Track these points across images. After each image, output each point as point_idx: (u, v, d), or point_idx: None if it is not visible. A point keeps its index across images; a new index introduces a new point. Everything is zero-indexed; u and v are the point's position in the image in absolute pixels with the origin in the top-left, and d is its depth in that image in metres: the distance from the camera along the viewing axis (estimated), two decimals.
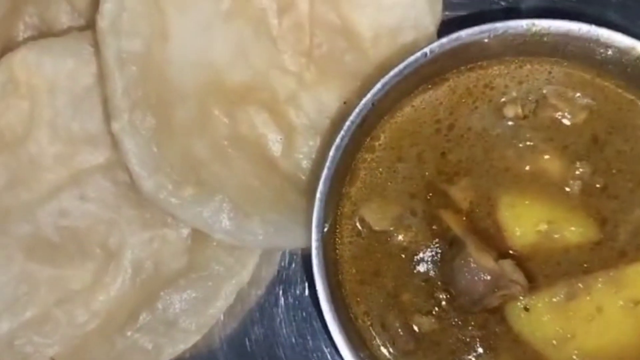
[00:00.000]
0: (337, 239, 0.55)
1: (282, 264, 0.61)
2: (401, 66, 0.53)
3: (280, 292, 0.60)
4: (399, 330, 0.55)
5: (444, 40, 0.52)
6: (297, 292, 0.61)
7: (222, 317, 0.59)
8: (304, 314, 0.60)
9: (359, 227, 0.56)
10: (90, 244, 0.58)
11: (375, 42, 0.58)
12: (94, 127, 0.57)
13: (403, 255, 0.55)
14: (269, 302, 0.60)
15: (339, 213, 0.56)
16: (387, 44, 0.58)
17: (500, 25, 0.52)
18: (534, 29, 0.52)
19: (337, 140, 0.53)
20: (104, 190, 0.57)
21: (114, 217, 0.58)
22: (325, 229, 0.54)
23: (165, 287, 0.58)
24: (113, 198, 0.58)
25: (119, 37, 0.52)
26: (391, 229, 0.55)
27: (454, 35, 0.52)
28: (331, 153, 0.53)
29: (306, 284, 0.60)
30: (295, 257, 0.61)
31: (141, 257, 0.58)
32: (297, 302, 0.60)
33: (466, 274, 0.53)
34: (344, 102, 0.58)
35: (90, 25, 0.58)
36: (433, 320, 0.54)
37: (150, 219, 0.58)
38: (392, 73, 0.53)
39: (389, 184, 0.56)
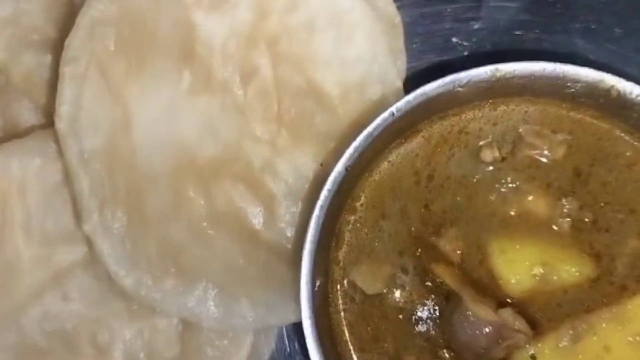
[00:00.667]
0: (330, 308, 0.54)
1: (280, 335, 0.59)
2: (370, 128, 0.52)
3: None
4: None
5: (409, 97, 0.52)
6: None
7: None
8: None
9: (351, 293, 0.54)
10: (80, 344, 0.56)
11: (343, 100, 0.57)
12: (68, 223, 0.56)
13: (400, 316, 0.54)
14: None
15: (329, 280, 0.54)
16: (355, 100, 0.57)
17: (464, 75, 0.51)
18: (498, 74, 0.51)
19: (316, 210, 0.52)
20: (86, 287, 0.56)
21: (101, 312, 0.57)
22: (317, 300, 0.52)
23: None
24: (97, 293, 0.57)
25: (79, 138, 0.52)
26: (384, 290, 0.54)
27: (419, 91, 0.52)
28: (312, 224, 0.52)
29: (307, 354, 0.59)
30: (289, 329, 0.59)
31: (133, 350, 0.57)
32: None
33: (466, 328, 0.51)
34: (321, 164, 0.57)
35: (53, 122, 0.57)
36: None
37: (138, 310, 0.57)
38: (361, 136, 0.52)
39: (376, 243, 0.55)
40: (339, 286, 0.54)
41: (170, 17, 0.56)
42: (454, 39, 0.60)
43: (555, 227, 0.53)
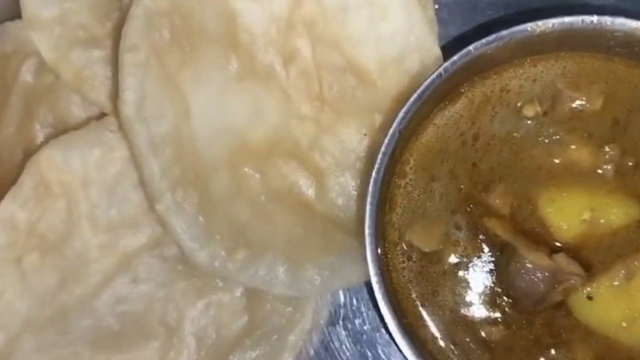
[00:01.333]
0: (390, 267, 0.56)
1: (337, 300, 0.61)
2: (419, 91, 0.54)
3: (342, 329, 0.61)
4: (471, 344, 0.55)
5: (455, 57, 0.54)
6: (357, 325, 0.61)
7: None
8: (368, 345, 0.61)
9: (409, 252, 0.56)
10: (151, 324, 0.58)
11: (382, 73, 0.59)
12: (130, 210, 0.58)
13: (457, 271, 0.56)
14: (332, 341, 0.61)
15: (385, 241, 0.56)
16: (393, 72, 0.59)
17: (506, 33, 0.54)
18: (538, 30, 0.53)
19: (374, 174, 0.54)
20: (153, 268, 0.58)
21: (168, 292, 0.59)
22: (379, 261, 0.55)
23: (232, 350, 0.59)
24: (163, 274, 0.59)
25: (147, 123, 0.53)
26: (440, 247, 0.56)
27: (464, 51, 0.54)
28: (370, 188, 0.54)
29: (365, 316, 0.61)
30: (345, 291, 0.62)
31: (201, 326, 0.59)
32: (359, 336, 0.61)
33: (524, 275, 0.54)
34: (364, 134, 0.59)
35: (104, 112, 0.59)
36: (501, 327, 0.55)
37: (203, 287, 0.59)
38: (411, 99, 0.54)
39: (428, 204, 0.57)
40: (396, 246, 0.57)
41: (214, 7, 0.58)
42: (481, 4, 0.62)
43: (599, 174, 0.56)
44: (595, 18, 0.52)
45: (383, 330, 0.61)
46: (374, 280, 0.53)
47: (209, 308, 0.59)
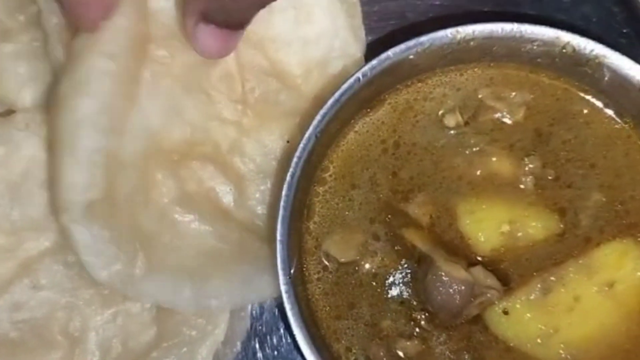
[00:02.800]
0: (305, 277, 0.54)
1: (254, 314, 0.59)
2: (337, 94, 0.53)
3: (257, 345, 0.59)
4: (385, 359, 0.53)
5: (373, 62, 0.53)
6: (275, 341, 0.59)
7: None
8: None
9: (325, 262, 0.55)
10: (52, 333, 0.55)
11: (306, 77, 0.58)
12: (35, 212, 0.55)
13: (374, 283, 0.54)
14: (247, 358, 0.58)
15: (302, 250, 0.55)
16: (317, 77, 0.58)
17: (426, 39, 0.53)
18: (458, 36, 0.53)
19: (288, 177, 0.52)
20: (56, 274, 0.55)
21: (72, 300, 0.56)
22: (292, 270, 0.52)
23: None
24: (67, 280, 0.56)
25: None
26: (357, 258, 0.55)
27: (383, 55, 0.53)
28: (284, 192, 0.52)
29: (281, 332, 0.59)
30: (265, 305, 0.59)
31: (107, 336, 0.56)
32: (275, 352, 0.59)
33: (440, 288, 0.52)
34: (287, 141, 0.57)
35: (11, 110, 0.56)
36: (417, 342, 0.54)
37: (110, 295, 0.56)
38: (329, 102, 0.53)
39: (347, 213, 0.55)
40: (312, 256, 0.55)
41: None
42: (409, 15, 0.61)
43: (520, 186, 0.55)
44: (515, 26, 0.52)
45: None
46: (284, 289, 0.51)
47: (116, 318, 0.56)
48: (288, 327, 0.52)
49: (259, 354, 0.58)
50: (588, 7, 0.60)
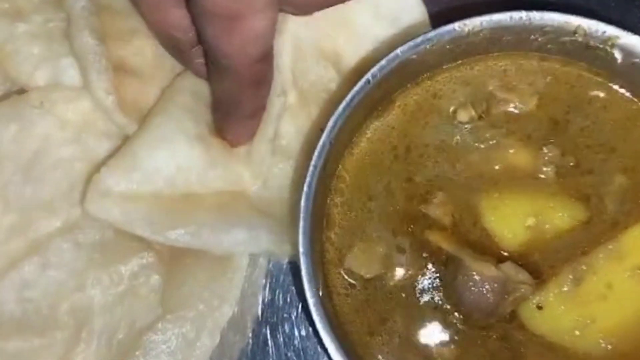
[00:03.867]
0: (331, 291, 0.52)
1: (265, 301, 0.58)
2: (348, 98, 0.51)
3: (268, 333, 0.57)
4: None
5: (382, 62, 0.51)
6: (287, 330, 0.57)
7: None
8: (295, 352, 0.57)
9: (350, 279, 0.53)
10: (59, 313, 0.54)
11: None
12: (47, 191, 0.55)
13: (403, 294, 0.53)
14: (257, 346, 0.57)
15: (325, 262, 0.53)
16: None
17: (433, 34, 0.52)
18: (466, 29, 0.52)
19: (305, 188, 0.50)
20: (66, 254, 0.55)
21: (80, 281, 0.55)
22: (320, 287, 0.51)
23: (142, 335, 0.54)
24: (76, 261, 0.55)
25: None
26: (382, 271, 0.53)
27: (391, 55, 0.51)
28: (302, 203, 0.50)
29: (293, 319, 0.57)
30: (276, 293, 0.58)
31: (114, 318, 0.55)
32: (286, 340, 0.57)
33: (472, 288, 0.51)
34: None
35: (25, 90, 0.56)
36: (453, 346, 0.52)
37: (117, 277, 0.55)
38: (340, 107, 0.51)
39: (366, 224, 0.54)
40: (337, 269, 0.53)
41: None
42: None
43: (540, 176, 0.54)
44: (523, 14, 0.51)
45: (312, 338, 0.57)
46: (312, 302, 0.49)
47: (124, 299, 0.55)
48: (304, 314, 0.49)
49: (270, 342, 0.57)
50: None
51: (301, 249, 0.50)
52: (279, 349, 0.57)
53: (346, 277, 0.53)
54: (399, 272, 0.53)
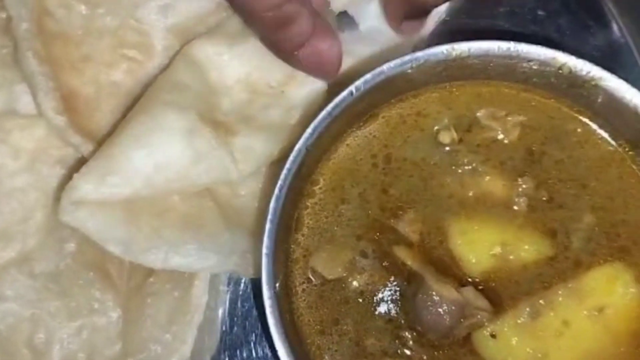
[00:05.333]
0: (290, 290, 0.53)
1: (224, 328, 0.58)
2: (329, 108, 0.52)
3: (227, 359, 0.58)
4: None
5: (367, 76, 0.52)
6: (245, 355, 0.58)
7: None
8: None
9: (311, 277, 0.54)
10: (15, 345, 0.55)
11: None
12: (1, 220, 0.55)
13: (360, 300, 0.53)
14: None
15: (289, 261, 0.53)
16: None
17: (421, 54, 0.52)
18: (454, 53, 0.52)
19: (276, 191, 0.51)
20: (21, 285, 0.55)
21: (37, 312, 0.55)
22: (277, 284, 0.51)
23: None
24: (32, 292, 0.55)
25: None
26: (344, 275, 0.53)
27: (377, 70, 0.52)
28: (272, 205, 0.51)
29: (252, 345, 0.58)
30: (235, 319, 0.58)
31: (72, 350, 0.55)
32: None
33: (430, 307, 0.51)
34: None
35: None
36: None
37: (76, 308, 0.55)
38: (320, 116, 0.52)
39: (335, 228, 0.54)
40: (299, 267, 0.54)
41: None
42: None
43: (513, 207, 0.54)
44: (511, 44, 0.51)
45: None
46: (268, 304, 0.49)
47: (82, 331, 0.55)
48: (263, 339, 0.50)
49: None
50: (563, 20, 0.60)
51: (265, 250, 0.50)
52: None
53: (307, 275, 0.53)
54: (361, 279, 0.53)
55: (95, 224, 0.52)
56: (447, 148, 0.55)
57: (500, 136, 0.55)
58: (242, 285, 0.59)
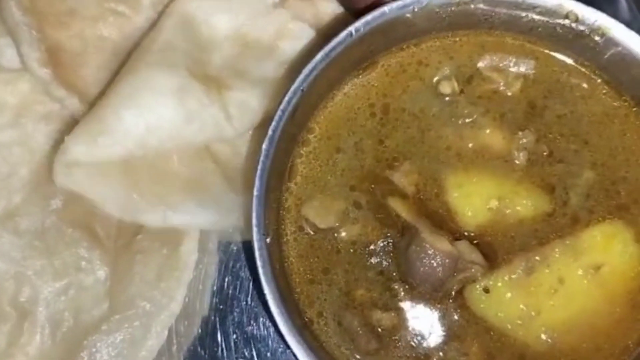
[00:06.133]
0: (282, 239, 0.52)
1: (214, 289, 0.57)
2: (327, 49, 0.50)
3: (218, 322, 0.57)
4: (359, 329, 0.51)
5: (368, 17, 0.50)
6: (235, 315, 0.57)
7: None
8: (245, 340, 0.57)
9: (304, 225, 0.52)
10: (1, 304, 0.53)
11: None
12: None
13: (352, 250, 0.52)
14: (206, 333, 0.56)
15: (281, 209, 0.52)
16: None
17: None
18: None
19: (269, 132, 0.50)
20: (5, 242, 0.53)
21: (22, 270, 0.54)
22: (267, 228, 0.50)
23: (88, 336, 0.53)
24: (17, 250, 0.54)
25: None
26: (336, 225, 0.52)
27: (377, 12, 0.50)
28: (264, 146, 0.50)
29: (243, 306, 0.57)
30: (227, 279, 0.57)
31: (58, 309, 0.54)
32: (236, 329, 0.57)
33: (424, 259, 0.50)
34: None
35: None
36: (393, 314, 0.51)
37: (62, 266, 0.54)
38: (318, 56, 0.50)
39: (329, 177, 0.53)
40: (291, 215, 0.52)
41: None
42: None
43: (512, 161, 0.53)
44: None
45: (262, 321, 0.56)
46: (257, 246, 0.48)
47: (68, 290, 0.54)
48: (260, 290, 0.49)
49: (219, 330, 0.56)
50: None
51: (255, 192, 0.49)
52: (227, 337, 0.56)
53: (299, 223, 0.52)
54: (353, 229, 0.52)
55: (92, 186, 0.52)
56: (447, 99, 0.54)
57: (502, 88, 0.53)
58: (232, 245, 0.57)
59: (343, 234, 0.52)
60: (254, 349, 0.56)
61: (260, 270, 0.48)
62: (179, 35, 0.54)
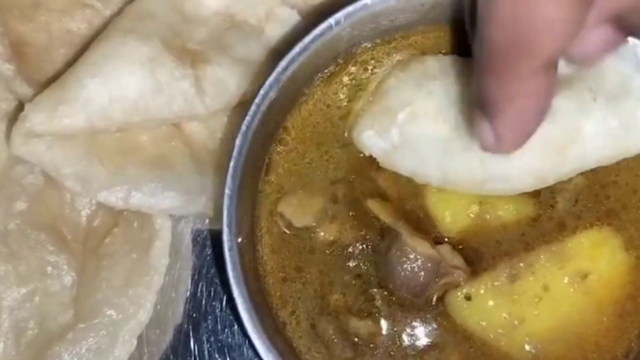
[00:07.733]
0: (255, 236, 0.50)
1: (188, 296, 0.54)
2: (306, 40, 0.48)
3: (191, 329, 0.54)
4: (334, 337, 0.49)
5: (349, 8, 0.48)
6: (210, 325, 0.54)
7: None
8: (218, 348, 0.54)
9: (279, 223, 0.50)
10: None
11: None
12: None
13: (328, 251, 0.50)
14: (179, 341, 0.54)
15: (255, 205, 0.50)
16: None
17: None
18: None
19: (243, 127, 0.47)
20: None
21: None
22: (241, 236, 0.47)
23: (52, 345, 0.50)
24: None
25: None
26: (314, 224, 0.50)
27: (360, 3, 0.48)
28: (237, 142, 0.47)
29: (217, 313, 0.54)
30: (201, 285, 0.55)
31: (22, 316, 0.51)
32: (209, 336, 0.54)
33: (405, 263, 0.48)
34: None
35: None
36: (370, 322, 0.49)
37: (26, 271, 0.51)
38: (296, 49, 0.48)
39: (308, 174, 0.51)
40: (266, 213, 0.50)
41: None
42: None
43: None
44: None
45: (237, 329, 0.54)
46: (227, 247, 0.46)
47: (33, 296, 0.51)
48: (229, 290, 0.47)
49: (192, 338, 0.54)
50: None
51: (227, 191, 0.47)
52: (201, 346, 0.54)
53: (274, 220, 0.50)
54: (331, 229, 0.50)
55: (52, 157, 0.49)
56: None
57: None
58: (207, 249, 0.55)
59: (321, 234, 0.50)
60: (228, 358, 0.54)
61: (230, 273, 0.46)
62: (160, 6, 0.52)
